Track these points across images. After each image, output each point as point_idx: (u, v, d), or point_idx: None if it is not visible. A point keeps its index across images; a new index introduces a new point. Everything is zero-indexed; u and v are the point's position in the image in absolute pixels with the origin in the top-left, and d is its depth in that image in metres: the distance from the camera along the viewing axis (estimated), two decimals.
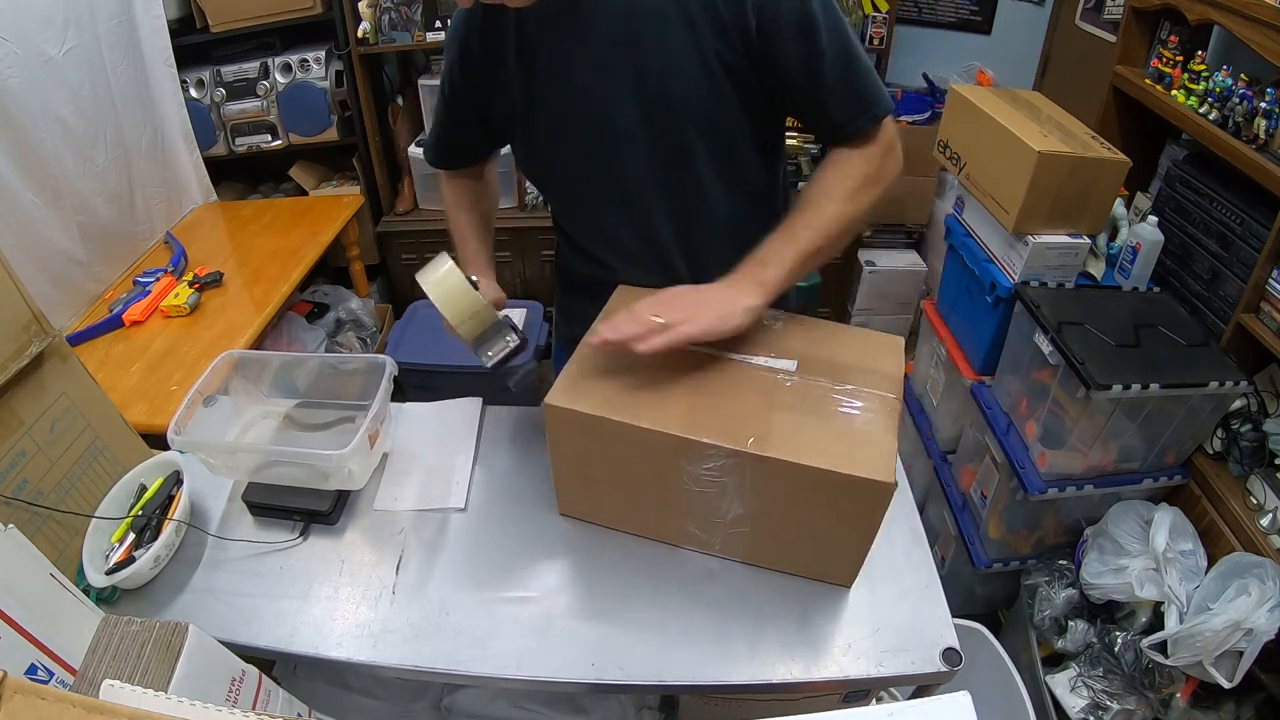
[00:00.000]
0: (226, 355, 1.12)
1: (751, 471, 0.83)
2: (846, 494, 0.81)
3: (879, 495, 0.80)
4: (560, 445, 0.94)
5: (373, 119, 2.50)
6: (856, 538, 0.88)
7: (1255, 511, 1.40)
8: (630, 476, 0.93)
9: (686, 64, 0.92)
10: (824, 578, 0.94)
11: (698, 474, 0.86)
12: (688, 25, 0.90)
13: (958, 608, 0.95)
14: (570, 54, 0.94)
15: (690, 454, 0.84)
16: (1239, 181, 1.50)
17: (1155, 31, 1.80)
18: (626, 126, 0.96)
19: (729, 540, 0.94)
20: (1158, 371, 1.40)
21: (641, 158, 0.99)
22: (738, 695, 0.97)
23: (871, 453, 0.81)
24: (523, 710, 1.14)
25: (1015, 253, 1.65)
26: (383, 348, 2.52)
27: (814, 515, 0.86)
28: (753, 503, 0.87)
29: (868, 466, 0.79)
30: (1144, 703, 1.44)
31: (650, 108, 0.95)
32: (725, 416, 0.85)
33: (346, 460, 0.97)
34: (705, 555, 0.97)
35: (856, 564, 0.92)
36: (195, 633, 0.67)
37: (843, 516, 0.85)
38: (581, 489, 0.99)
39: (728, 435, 0.82)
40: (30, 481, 0.94)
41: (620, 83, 0.94)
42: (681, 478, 0.87)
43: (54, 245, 1.79)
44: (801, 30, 0.90)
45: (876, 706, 0.50)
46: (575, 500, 1.02)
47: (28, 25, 1.68)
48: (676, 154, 0.99)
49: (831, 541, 0.89)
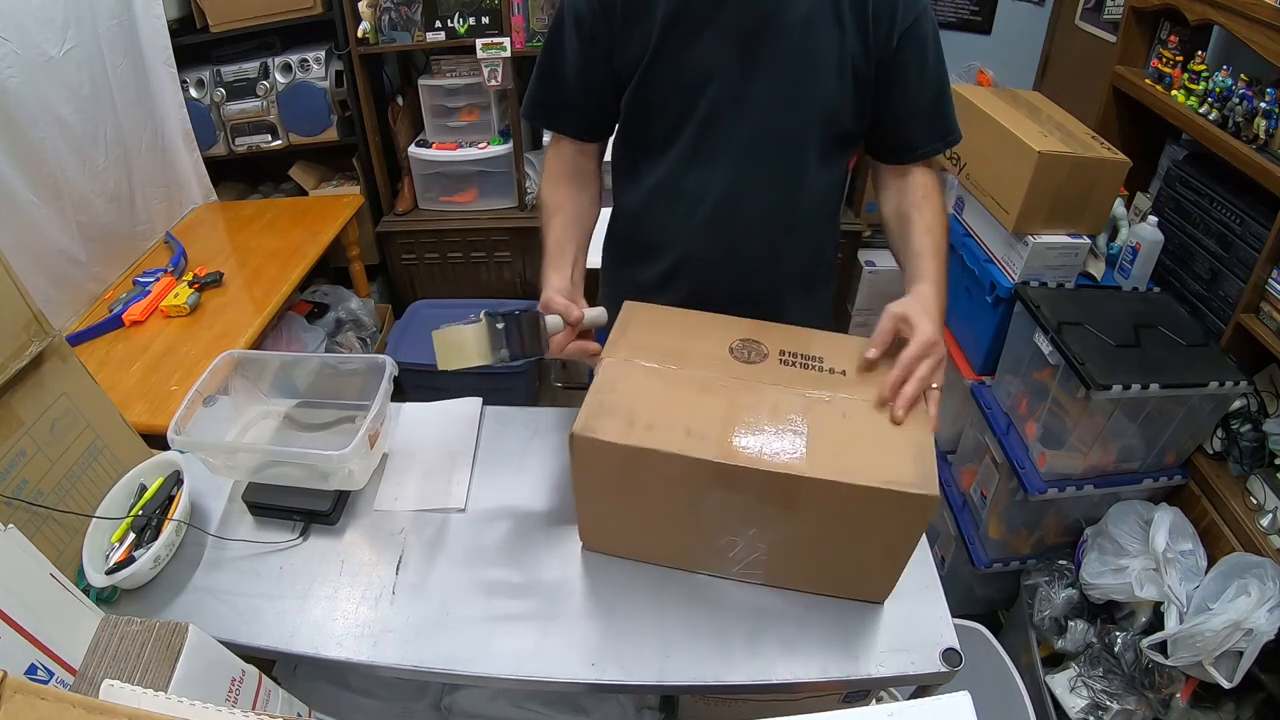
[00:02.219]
0: (226, 355, 1.12)
1: (793, 493, 0.80)
2: (889, 509, 0.79)
3: (922, 509, 0.79)
4: (586, 476, 0.89)
5: (373, 119, 2.50)
6: (895, 553, 0.86)
7: (1255, 511, 1.40)
8: (662, 506, 0.88)
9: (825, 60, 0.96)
10: (859, 596, 0.92)
11: (736, 500, 0.83)
12: (836, 23, 0.95)
13: (958, 608, 0.95)
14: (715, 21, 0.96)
15: (729, 479, 0.80)
16: (1239, 181, 1.50)
17: (1155, 31, 1.80)
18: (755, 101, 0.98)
19: (764, 565, 0.91)
20: (1158, 371, 1.40)
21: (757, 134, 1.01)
22: (738, 695, 0.97)
23: (911, 466, 0.79)
24: (523, 710, 1.15)
25: (1015, 253, 1.66)
26: (383, 348, 2.52)
27: (855, 533, 0.83)
28: (793, 526, 0.84)
29: (909, 481, 0.77)
30: (1144, 703, 1.44)
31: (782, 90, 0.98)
32: (761, 439, 0.81)
33: (346, 460, 0.97)
34: None
35: (892, 580, 0.90)
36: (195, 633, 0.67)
37: (883, 532, 0.83)
38: (609, 522, 0.95)
39: (766, 459, 0.79)
40: (30, 481, 0.94)
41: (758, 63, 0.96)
42: (717, 505, 0.84)
43: (54, 245, 1.79)
44: (923, 52, 0.98)
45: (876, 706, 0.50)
46: (600, 533, 0.98)
47: (28, 25, 1.68)
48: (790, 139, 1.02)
49: (869, 558, 0.87)
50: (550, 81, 1.06)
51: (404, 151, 2.58)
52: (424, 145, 2.55)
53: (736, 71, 0.97)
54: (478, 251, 2.65)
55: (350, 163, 2.61)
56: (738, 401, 0.86)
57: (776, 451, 0.80)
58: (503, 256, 2.65)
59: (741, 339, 0.94)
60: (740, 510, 0.84)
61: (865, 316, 2.79)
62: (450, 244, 2.64)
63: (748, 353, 0.93)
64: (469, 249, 2.65)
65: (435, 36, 2.36)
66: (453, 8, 2.33)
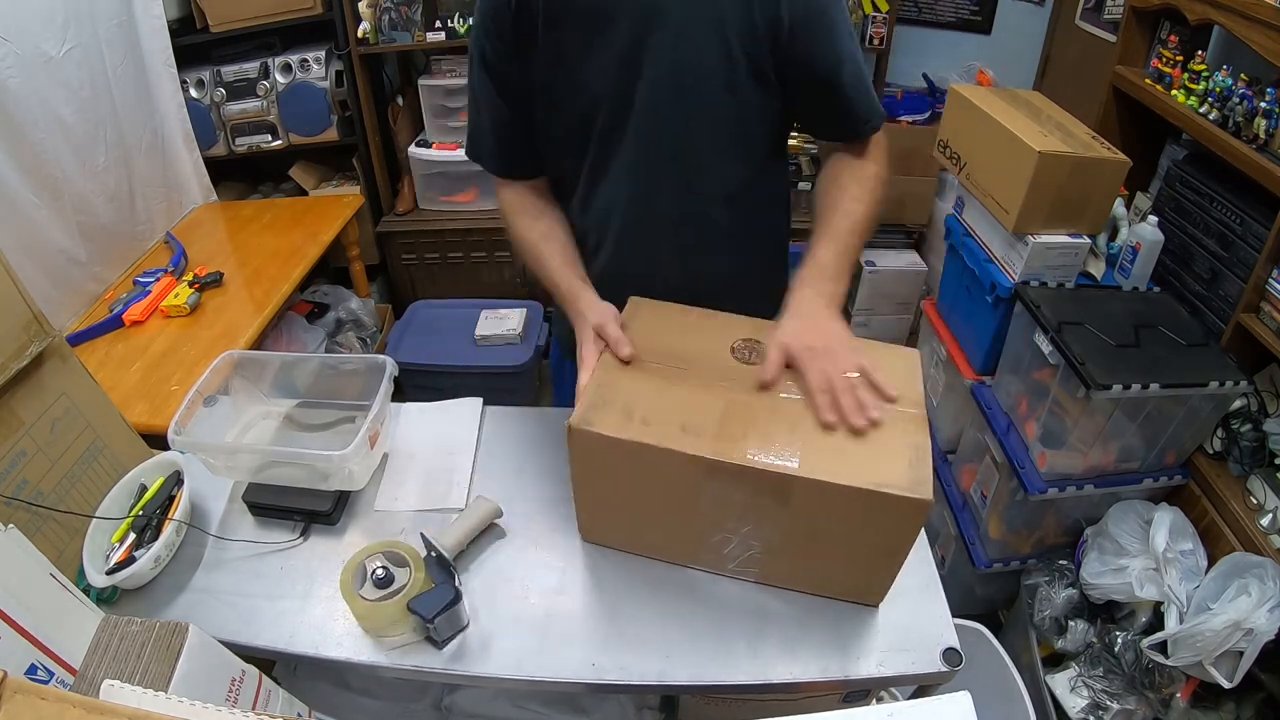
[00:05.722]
0: (226, 355, 1.12)
1: (787, 493, 0.81)
2: (883, 512, 0.79)
3: (916, 512, 0.79)
4: (585, 469, 0.90)
5: (373, 119, 2.50)
6: (889, 556, 0.86)
7: (1255, 511, 1.40)
8: (657, 501, 0.89)
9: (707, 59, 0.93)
10: (854, 598, 0.92)
11: (727, 496, 0.83)
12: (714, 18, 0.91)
13: (958, 608, 0.94)
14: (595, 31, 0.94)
15: (721, 476, 0.81)
16: (1239, 181, 1.50)
17: (1155, 31, 1.80)
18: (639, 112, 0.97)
19: (759, 564, 0.91)
20: (1158, 371, 1.40)
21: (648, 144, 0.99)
22: (738, 695, 0.97)
23: (906, 469, 0.79)
24: (523, 710, 1.15)
25: (1015, 253, 1.65)
26: (383, 348, 2.52)
27: (849, 534, 0.83)
28: (786, 525, 0.85)
29: (903, 484, 0.77)
30: (1144, 703, 1.44)
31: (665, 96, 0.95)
32: (757, 437, 0.82)
33: (347, 460, 0.97)
34: None
35: (887, 583, 0.90)
36: (195, 633, 0.67)
37: (878, 535, 0.83)
38: (606, 515, 0.96)
39: (761, 457, 0.80)
40: (30, 481, 0.94)
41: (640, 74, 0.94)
42: (712, 501, 0.85)
43: (54, 245, 1.79)
44: (827, 32, 0.93)
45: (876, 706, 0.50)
46: (599, 526, 0.99)
47: (28, 25, 1.68)
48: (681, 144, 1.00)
49: (864, 561, 0.87)
50: (475, 118, 1.07)
51: (404, 151, 2.58)
52: (424, 145, 2.55)
53: (621, 86, 0.95)
54: (478, 251, 2.65)
55: (350, 163, 2.61)
56: (735, 400, 0.86)
57: (771, 451, 0.81)
58: (503, 256, 2.65)
59: (743, 339, 0.94)
60: (734, 508, 0.85)
61: (866, 316, 2.79)
62: (450, 244, 2.64)
63: (748, 353, 0.93)
64: (469, 249, 2.65)
65: (435, 36, 2.36)
66: (453, 8, 2.33)
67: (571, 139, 1.02)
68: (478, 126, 1.08)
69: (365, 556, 0.90)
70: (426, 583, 0.87)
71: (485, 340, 2.38)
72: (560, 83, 0.98)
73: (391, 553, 0.91)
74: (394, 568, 0.89)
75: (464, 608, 0.88)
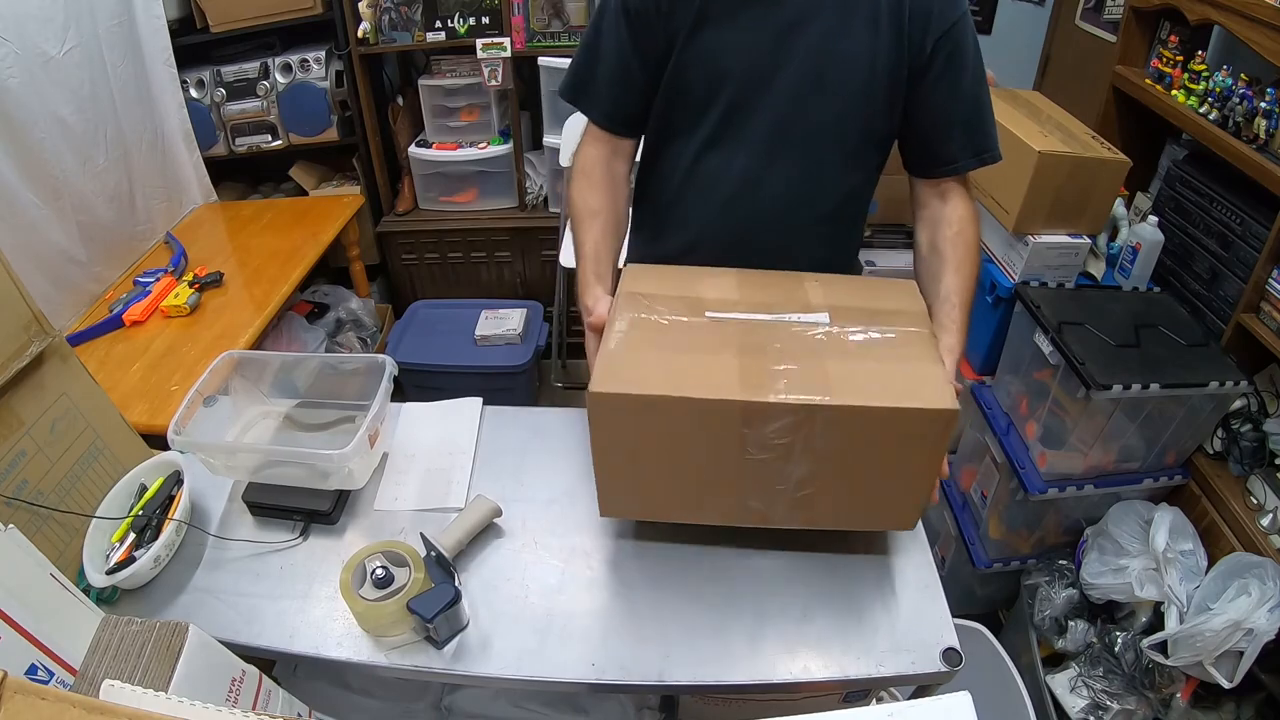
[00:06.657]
0: (226, 355, 1.12)
1: (819, 424, 0.80)
2: (914, 428, 0.81)
3: (945, 423, 0.80)
4: (606, 437, 0.87)
5: (373, 119, 2.50)
6: (921, 476, 0.87)
7: (1255, 511, 1.40)
8: (686, 459, 0.87)
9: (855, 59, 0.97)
10: (887, 526, 0.94)
11: (763, 439, 0.82)
12: (871, 23, 0.95)
13: (958, 608, 0.95)
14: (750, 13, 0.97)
15: (755, 419, 0.80)
16: (1239, 181, 1.50)
17: (1155, 31, 1.80)
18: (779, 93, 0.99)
19: (791, 506, 0.90)
20: (1158, 371, 1.40)
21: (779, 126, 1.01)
22: (738, 695, 0.97)
23: (928, 384, 0.81)
24: (523, 710, 1.15)
25: (1015, 253, 1.66)
26: (383, 348, 2.52)
27: (881, 459, 0.84)
28: (818, 460, 0.84)
29: (930, 397, 0.80)
30: (1144, 703, 1.44)
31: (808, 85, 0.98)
32: (780, 375, 0.82)
33: (347, 460, 0.97)
34: (707, 553, 0.97)
35: (919, 506, 0.91)
36: (195, 633, 0.67)
37: (909, 454, 0.84)
38: (631, 485, 0.93)
39: (790, 391, 0.80)
40: (30, 481, 0.94)
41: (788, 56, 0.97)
42: (744, 448, 0.83)
43: (54, 245, 1.79)
44: (959, 59, 0.98)
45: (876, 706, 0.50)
46: (621, 498, 0.95)
47: (28, 25, 1.68)
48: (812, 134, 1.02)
49: (895, 485, 0.88)
50: (590, 61, 1.06)
51: (404, 151, 2.58)
52: (424, 145, 2.55)
53: (766, 62, 0.98)
54: (478, 251, 2.65)
55: (350, 163, 2.61)
56: (752, 344, 0.87)
57: (798, 385, 0.81)
58: (503, 256, 2.65)
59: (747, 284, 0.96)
60: (768, 451, 0.84)
61: None
62: (450, 244, 2.64)
63: (756, 297, 0.94)
64: (469, 249, 2.65)
65: (435, 36, 2.36)
66: (453, 8, 2.33)
67: (693, 106, 1.04)
68: (590, 74, 1.06)
69: (365, 556, 0.90)
70: (426, 583, 0.87)
71: (485, 340, 2.38)
72: (702, 48, 0.99)
73: (391, 552, 0.91)
74: (394, 567, 0.89)
75: (464, 608, 0.88)
